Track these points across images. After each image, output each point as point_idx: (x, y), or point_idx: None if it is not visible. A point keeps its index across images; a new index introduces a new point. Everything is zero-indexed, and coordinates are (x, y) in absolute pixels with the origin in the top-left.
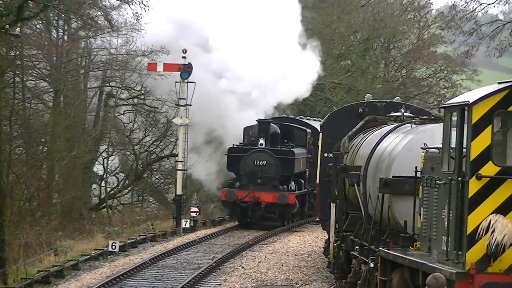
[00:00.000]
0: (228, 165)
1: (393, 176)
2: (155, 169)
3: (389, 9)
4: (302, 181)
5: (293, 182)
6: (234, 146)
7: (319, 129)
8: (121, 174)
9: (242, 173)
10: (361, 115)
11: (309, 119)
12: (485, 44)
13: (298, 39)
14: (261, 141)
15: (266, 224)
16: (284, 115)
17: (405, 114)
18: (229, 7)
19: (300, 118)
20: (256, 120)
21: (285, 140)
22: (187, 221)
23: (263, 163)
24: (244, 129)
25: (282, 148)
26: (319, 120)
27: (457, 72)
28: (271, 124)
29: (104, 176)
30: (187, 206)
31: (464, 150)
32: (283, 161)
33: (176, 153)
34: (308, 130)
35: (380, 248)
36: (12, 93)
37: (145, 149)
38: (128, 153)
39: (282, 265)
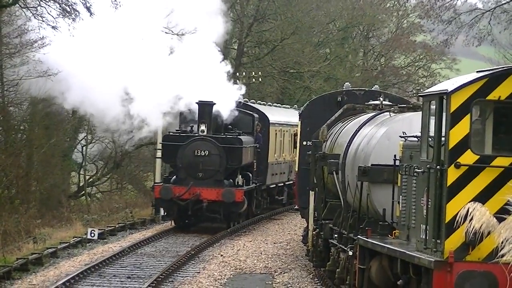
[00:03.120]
0: (164, 156)
1: (372, 165)
2: (134, 156)
3: None
4: (250, 175)
5: (240, 176)
6: (170, 133)
7: (269, 115)
8: (100, 161)
9: (179, 166)
10: (340, 103)
11: (254, 103)
12: (464, 33)
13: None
14: (202, 127)
15: (208, 226)
16: None
17: (383, 102)
18: None
19: (245, 101)
20: (196, 103)
21: (229, 126)
22: None
23: (204, 154)
24: (180, 113)
25: (227, 136)
26: (295, 108)
27: (436, 61)
28: (214, 107)
29: (83, 163)
30: None
31: (443, 138)
32: (228, 151)
33: (155, 141)
34: (256, 115)
35: (358, 236)
36: None
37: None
38: (107, 140)
39: (261, 253)
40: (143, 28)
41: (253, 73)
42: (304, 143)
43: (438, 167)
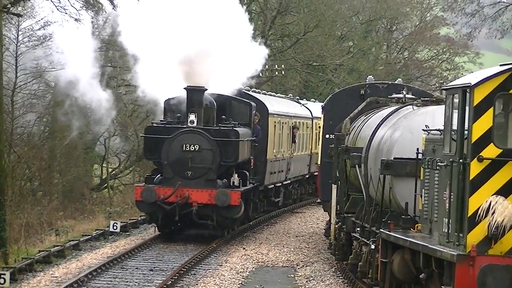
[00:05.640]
0: (146, 151)
1: (395, 158)
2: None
3: None
4: (247, 173)
5: (236, 175)
6: (154, 124)
7: (268, 104)
8: (122, 154)
9: (165, 163)
10: (362, 96)
11: (248, 91)
12: (487, 26)
13: None
14: (192, 117)
15: (197, 233)
16: None
17: (406, 96)
18: None
19: (240, 88)
20: (184, 88)
21: (223, 117)
22: None
23: (194, 148)
24: (165, 101)
25: (221, 128)
26: (290, 98)
27: (459, 54)
28: (205, 94)
29: (106, 156)
30: None
31: (466, 132)
32: (222, 145)
33: None
34: (253, 104)
35: (381, 229)
36: (14, 72)
37: None
38: (130, 133)
39: (283, 246)
40: None
41: (276, 66)
42: (327, 136)
43: (460, 160)
